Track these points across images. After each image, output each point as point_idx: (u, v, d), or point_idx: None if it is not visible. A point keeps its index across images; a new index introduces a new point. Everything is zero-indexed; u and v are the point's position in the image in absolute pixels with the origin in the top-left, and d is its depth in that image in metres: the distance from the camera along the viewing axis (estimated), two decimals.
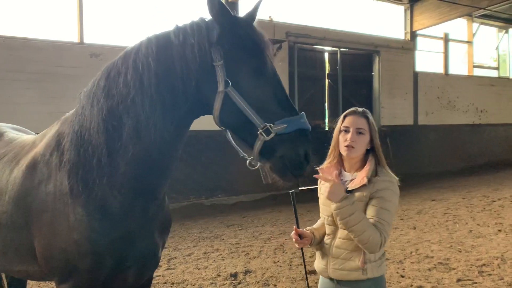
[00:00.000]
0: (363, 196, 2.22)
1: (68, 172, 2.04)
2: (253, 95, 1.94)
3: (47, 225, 2.06)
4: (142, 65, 1.97)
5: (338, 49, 12.95)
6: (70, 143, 2.08)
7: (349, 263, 2.25)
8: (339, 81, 13.06)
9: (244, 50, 1.96)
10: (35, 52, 8.23)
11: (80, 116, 2.10)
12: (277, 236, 6.99)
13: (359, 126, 2.28)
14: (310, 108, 12.73)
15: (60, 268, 2.06)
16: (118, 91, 1.99)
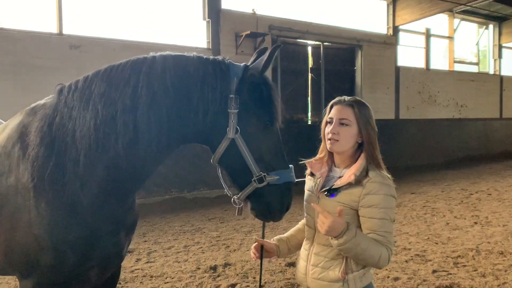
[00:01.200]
0: (352, 201, 1.97)
1: (34, 167, 1.98)
2: (256, 145, 2.07)
3: (7, 219, 2.02)
4: (158, 85, 1.97)
5: (321, 43, 12.98)
6: (41, 138, 2.01)
7: (329, 273, 1.99)
8: (321, 75, 13.11)
9: (258, 103, 2.08)
10: (11, 43, 8.05)
11: (63, 114, 2.02)
12: (258, 229, 7.01)
13: (342, 116, 2.05)
14: (293, 102, 12.78)
15: (20, 264, 2.03)
16: (122, 102, 1.96)
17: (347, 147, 2.06)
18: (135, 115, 1.95)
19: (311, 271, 2.05)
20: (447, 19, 16.79)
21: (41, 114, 2.10)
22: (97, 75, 2.07)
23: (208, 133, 2.07)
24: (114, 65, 2.09)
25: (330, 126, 2.06)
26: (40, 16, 8.56)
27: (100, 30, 9.06)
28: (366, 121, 2.06)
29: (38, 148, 2.00)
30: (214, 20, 10.62)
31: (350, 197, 1.97)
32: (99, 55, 8.88)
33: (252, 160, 2.04)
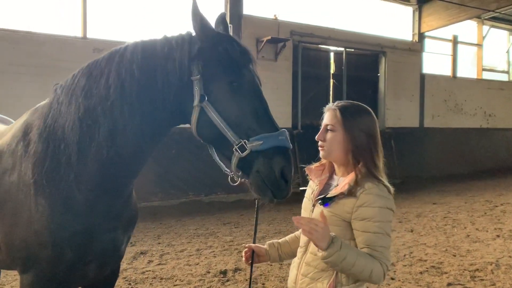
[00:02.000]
0: (344, 211, 1.88)
1: (34, 164, 2.04)
2: (229, 110, 1.92)
3: (9, 215, 2.07)
4: (125, 71, 1.98)
5: (344, 49, 12.87)
6: (39, 135, 2.07)
7: (317, 284, 1.90)
8: (343, 81, 12.98)
9: (222, 65, 1.95)
10: (38, 46, 8.30)
11: (55, 111, 2.09)
12: (271, 235, 6.96)
13: (326, 122, 1.98)
14: (313, 108, 12.67)
15: (21, 258, 2.07)
16: (98, 92, 1.99)
17: (336, 154, 1.97)
18: (110, 105, 1.97)
19: (300, 280, 1.97)
20: (476, 26, 16.38)
21: (39, 112, 2.17)
22: (81, 70, 2.12)
23: (182, 108, 2.00)
24: (97, 58, 2.12)
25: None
26: (65, 21, 8.80)
27: (122, 34, 9.25)
28: (354, 127, 1.94)
29: (36, 145, 2.06)
30: (236, 26, 10.67)
31: (343, 207, 1.89)
32: None
33: (226, 127, 1.90)
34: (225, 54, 1.97)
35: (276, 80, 11.45)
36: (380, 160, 1.97)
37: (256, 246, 2.20)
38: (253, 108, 1.93)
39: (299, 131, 11.97)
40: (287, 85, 11.74)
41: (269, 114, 1.97)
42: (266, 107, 1.98)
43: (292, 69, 11.80)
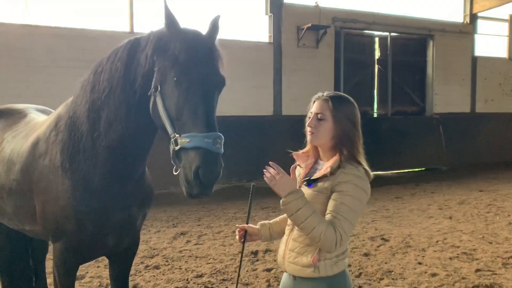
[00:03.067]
0: (324, 187, 2.03)
1: (61, 150, 2.42)
2: (171, 104, 2.05)
3: (43, 192, 2.46)
4: (115, 67, 2.28)
5: (388, 33, 12.62)
6: (65, 125, 2.45)
7: (302, 258, 2.07)
8: (388, 67, 12.76)
9: (171, 61, 2.07)
10: (90, 42, 8.92)
11: (75, 104, 2.46)
12: None
13: (318, 111, 2.10)
14: (357, 94, 12.56)
15: (52, 229, 2.46)
16: (99, 87, 2.32)
17: (323, 140, 2.11)
18: (105, 97, 2.29)
19: (287, 255, 2.14)
20: None
21: (67, 105, 2.55)
22: (93, 66, 2.44)
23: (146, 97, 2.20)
24: (104, 56, 2.42)
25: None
26: (114, 17, 9.37)
27: None
28: (342, 116, 2.09)
29: (63, 134, 2.44)
30: (276, 15, 10.81)
31: (323, 184, 2.04)
32: None
33: (167, 119, 2.03)
34: (176, 50, 2.09)
35: (317, 67, 11.50)
36: (361, 146, 2.13)
37: (249, 226, 2.37)
38: (191, 106, 2.01)
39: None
40: (329, 72, 11.74)
41: (207, 115, 2.01)
42: (206, 107, 2.03)
43: (334, 56, 11.79)
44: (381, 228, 6.50)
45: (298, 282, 2.11)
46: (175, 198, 8.49)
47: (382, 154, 12.08)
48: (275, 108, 11.01)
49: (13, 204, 2.70)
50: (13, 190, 2.67)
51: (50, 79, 8.48)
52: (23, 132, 2.88)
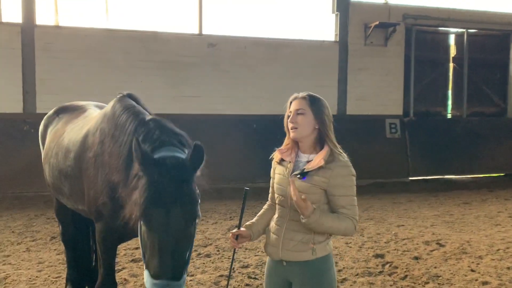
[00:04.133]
0: (322, 182, 2.24)
1: (102, 146, 2.80)
2: (144, 239, 2.14)
3: (86, 180, 2.85)
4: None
5: (465, 30, 11.93)
6: (108, 132, 2.81)
7: (300, 244, 2.29)
8: (465, 65, 12.06)
9: (139, 197, 2.12)
10: (162, 44, 9.55)
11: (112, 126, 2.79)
12: (362, 221, 7.07)
13: (298, 107, 2.34)
14: (429, 94, 12.09)
15: (93, 212, 2.83)
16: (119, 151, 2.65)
17: (305, 133, 2.33)
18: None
19: (285, 244, 2.32)
20: None
21: (110, 115, 2.88)
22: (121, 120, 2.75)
23: None
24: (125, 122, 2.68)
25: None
26: (184, 20, 9.93)
27: (233, 29, 10.06)
28: (319, 110, 2.34)
29: (105, 136, 2.80)
30: (343, 13, 10.73)
31: (320, 179, 2.25)
32: (232, 52, 9.91)
33: (141, 248, 2.19)
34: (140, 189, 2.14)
35: (385, 66, 11.22)
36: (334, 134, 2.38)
37: (241, 230, 2.47)
38: (151, 246, 2.07)
39: (411, 119, 11.54)
40: (398, 70, 11.40)
41: (161, 260, 2.02)
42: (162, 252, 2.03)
43: (404, 54, 11.41)
44: (439, 233, 6.26)
45: (290, 266, 2.34)
46: (237, 193, 8.80)
47: (455, 158, 11.51)
48: (340, 107, 10.93)
49: (69, 186, 3.14)
50: (68, 174, 3.10)
51: (125, 78, 9.21)
52: (80, 124, 3.30)
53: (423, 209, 8.02)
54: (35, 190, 8.46)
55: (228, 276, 2.82)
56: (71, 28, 9.22)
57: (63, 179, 3.23)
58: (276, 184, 2.43)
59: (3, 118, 8.82)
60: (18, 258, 5.17)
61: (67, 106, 3.99)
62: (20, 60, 8.88)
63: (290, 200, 2.28)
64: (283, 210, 2.39)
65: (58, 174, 3.33)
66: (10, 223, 6.68)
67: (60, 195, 3.46)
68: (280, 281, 2.41)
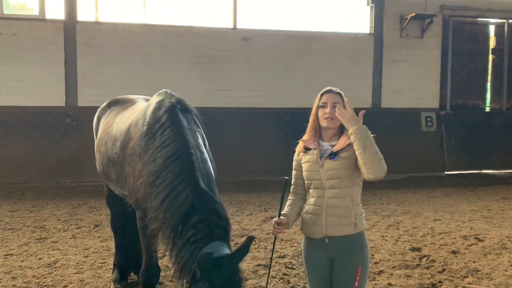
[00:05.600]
0: (351, 154, 2.51)
1: (140, 140, 2.93)
2: None
3: (128, 168, 3.01)
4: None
5: (506, 20, 11.54)
6: (147, 125, 2.95)
7: (343, 219, 2.53)
8: (504, 57, 11.68)
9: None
10: (197, 38, 9.71)
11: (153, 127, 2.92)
12: (398, 215, 7.05)
13: (335, 100, 2.61)
14: (467, 87, 11.79)
15: (134, 200, 2.99)
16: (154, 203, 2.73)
17: (338, 123, 2.60)
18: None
19: (326, 221, 2.55)
20: None
21: (154, 109, 3.01)
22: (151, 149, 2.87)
23: None
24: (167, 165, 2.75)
25: (325, 109, 2.62)
26: (219, 14, 10.05)
27: (267, 22, 10.11)
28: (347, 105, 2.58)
29: (142, 132, 2.95)
30: (378, 5, 10.59)
31: (349, 152, 2.52)
32: (266, 45, 9.98)
33: None
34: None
35: (421, 58, 11.03)
36: None
37: (281, 218, 2.64)
38: None
39: (448, 112, 11.32)
40: (434, 63, 11.18)
41: None
42: None
43: (441, 46, 11.17)
44: (477, 228, 6.16)
45: (332, 242, 2.56)
46: (271, 185, 8.92)
47: (493, 152, 11.23)
48: (374, 100, 10.83)
49: (115, 172, 3.34)
50: (115, 161, 3.30)
51: (161, 72, 9.45)
52: (127, 115, 3.48)
53: (460, 203, 7.89)
54: (78, 181, 8.84)
55: (269, 264, 2.96)
56: (110, 24, 9.50)
57: (111, 166, 3.44)
58: (307, 172, 2.64)
59: (47, 111, 9.21)
60: (66, 244, 5.44)
61: (119, 99, 4.19)
62: (63, 55, 9.24)
63: (325, 181, 2.55)
64: (319, 192, 2.60)
65: (107, 161, 3.54)
66: (56, 212, 7.02)
67: (109, 181, 3.67)
68: (322, 258, 2.61)
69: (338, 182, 2.52)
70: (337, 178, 2.52)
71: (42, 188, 8.52)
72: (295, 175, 2.75)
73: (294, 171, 2.76)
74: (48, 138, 9.10)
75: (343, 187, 2.53)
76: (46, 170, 8.93)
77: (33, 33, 9.09)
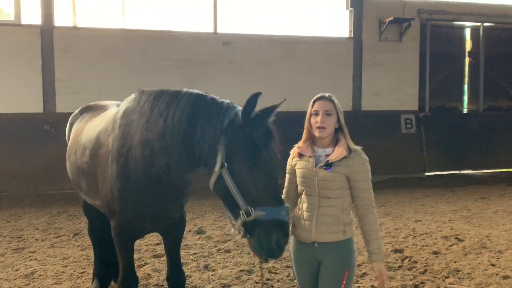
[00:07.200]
0: (345, 169, 2.54)
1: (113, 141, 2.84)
2: (243, 181, 2.31)
3: (100, 176, 2.93)
4: (177, 118, 2.54)
5: (481, 24, 11.81)
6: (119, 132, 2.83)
7: (332, 226, 2.56)
8: (481, 59, 11.93)
9: (245, 143, 2.35)
10: (178, 43, 9.65)
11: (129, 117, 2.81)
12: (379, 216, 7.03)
13: (327, 108, 2.56)
14: (445, 89, 11.99)
15: (106, 207, 2.92)
16: (156, 130, 2.61)
17: (331, 131, 2.61)
18: (166, 145, 2.57)
19: (316, 228, 2.58)
20: None
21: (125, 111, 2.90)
22: (149, 97, 2.73)
23: (207, 162, 2.48)
24: (160, 94, 2.69)
25: (317, 117, 2.57)
26: (199, 19, 10.01)
27: (248, 27, 10.10)
28: (340, 110, 2.62)
29: (117, 130, 2.85)
30: (357, 9, 10.71)
31: (343, 167, 2.55)
32: (247, 50, 9.97)
33: (238, 194, 2.29)
34: (250, 136, 2.35)
35: (400, 61, 11.19)
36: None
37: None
38: (264, 182, 2.32)
39: (427, 114, 11.49)
40: (413, 66, 11.35)
41: (276, 189, 2.35)
42: (275, 182, 2.37)
43: (419, 49, 11.36)
44: (458, 228, 6.26)
45: (322, 247, 2.59)
46: None
47: (471, 152, 11.42)
48: (354, 103, 10.92)
49: (86, 182, 3.25)
50: (85, 170, 3.21)
51: (142, 77, 9.32)
52: (97, 122, 3.40)
53: (440, 204, 8.01)
54: (56, 188, 8.65)
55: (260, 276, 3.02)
56: (89, 29, 9.37)
57: (81, 175, 3.34)
58: (301, 178, 2.64)
59: (24, 118, 9.01)
60: (44, 254, 5.31)
61: (91, 105, 4.09)
62: (40, 61, 9.06)
63: (319, 190, 2.56)
64: (311, 199, 2.61)
65: (76, 170, 3.44)
66: (34, 221, 6.86)
67: (80, 191, 3.58)
68: (310, 259, 2.65)
69: (330, 192, 2.54)
70: (329, 188, 2.54)
71: (20, 197, 8.32)
72: (288, 178, 2.76)
73: (288, 175, 2.76)
74: (26, 145, 8.89)
75: (335, 197, 2.55)
76: (24, 178, 8.72)
77: (9, 38, 8.89)
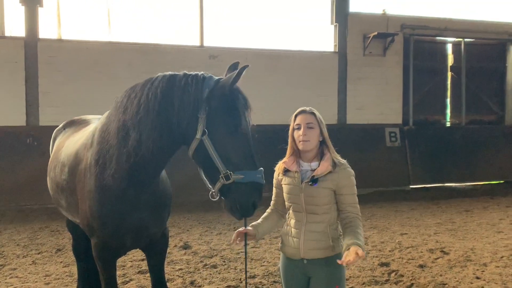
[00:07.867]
0: (331, 184, 2.53)
1: (90, 158, 2.77)
2: (223, 146, 2.42)
3: (79, 192, 2.85)
4: (151, 94, 2.54)
5: (462, 39, 12.09)
6: (98, 138, 2.78)
7: (321, 243, 2.54)
8: (462, 74, 12.20)
9: (225, 111, 2.45)
10: (164, 56, 9.64)
11: (108, 120, 2.77)
12: (365, 229, 7.10)
13: (308, 121, 2.56)
14: (428, 103, 12.22)
15: (86, 225, 2.84)
16: (131, 110, 2.58)
17: (314, 145, 2.59)
18: (139, 120, 2.54)
19: (304, 244, 2.56)
20: None
21: (102, 120, 2.87)
22: (127, 90, 2.71)
23: (186, 134, 2.49)
24: (137, 83, 2.70)
25: (299, 131, 2.57)
26: (186, 32, 10.05)
27: (234, 41, 10.16)
28: (322, 123, 2.62)
29: (95, 145, 2.79)
30: (342, 24, 10.87)
31: (329, 182, 2.53)
32: None
33: (218, 159, 2.40)
34: (230, 101, 2.45)
35: (384, 76, 11.35)
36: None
37: (247, 229, 2.63)
38: (242, 148, 2.44)
39: (411, 127, 11.65)
40: (397, 80, 11.53)
41: (253, 154, 2.47)
42: (252, 147, 2.48)
43: (402, 64, 11.55)
44: (443, 241, 6.30)
45: (311, 263, 2.57)
46: None
47: (454, 166, 11.59)
48: (340, 116, 11.03)
49: (65, 199, 3.18)
50: (64, 188, 3.14)
51: None
52: (77, 138, 3.33)
53: (425, 217, 8.07)
54: (39, 203, 8.49)
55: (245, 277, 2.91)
56: (73, 42, 9.31)
57: (60, 193, 3.26)
58: (288, 194, 2.62)
59: (6, 131, 8.86)
60: (25, 271, 5.18)
61: (75, 120, 4.00)
62: (24, 73, 8.96)
63: (305, 206, 2.54)
64: (298, 215, 2.59)
65: (56, 187, 3.36)
66: (15, 236, 6.69)
67: (61, 208, 3.49)
68: (299, 275, 2.63)
69: (317, 208, 2.53)
70: (316, 204, 2.53)
71: (1, 212, 8.13)
72: (275, 193, 2.76)
73: (275, 189, 2.75)
74: (8, 159, 8.73)
75: (322, 213, 2.54)
76: (5, 193, 8.54)
77: None
